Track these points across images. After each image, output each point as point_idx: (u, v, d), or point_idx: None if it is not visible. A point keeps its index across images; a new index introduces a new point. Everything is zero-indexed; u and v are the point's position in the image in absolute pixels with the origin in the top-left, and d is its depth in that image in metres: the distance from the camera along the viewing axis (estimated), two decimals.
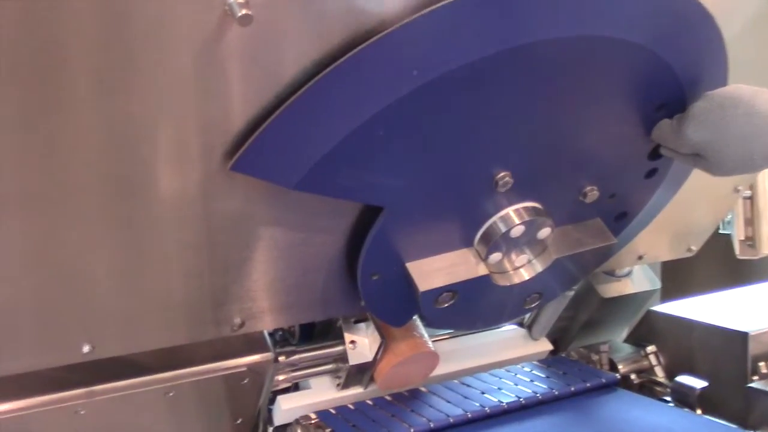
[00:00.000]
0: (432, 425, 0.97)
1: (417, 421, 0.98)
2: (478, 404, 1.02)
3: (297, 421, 1.00)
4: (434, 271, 0.87)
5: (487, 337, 1.23)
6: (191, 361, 0.91)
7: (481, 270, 0.89)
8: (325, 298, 0.89)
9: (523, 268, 0.93)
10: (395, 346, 1.03)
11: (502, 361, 1.19)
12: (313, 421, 0.99)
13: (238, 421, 0.98)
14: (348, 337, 1.03)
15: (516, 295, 0.95)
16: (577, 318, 1.24)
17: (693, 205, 1.12)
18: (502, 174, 0.82)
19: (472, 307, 0.93)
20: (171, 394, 0.89)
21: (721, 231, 1.27)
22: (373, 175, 0.76)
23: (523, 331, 1.25)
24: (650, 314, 1.23)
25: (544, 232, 0.90)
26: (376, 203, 0.79)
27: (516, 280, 0.92)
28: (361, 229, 0.83)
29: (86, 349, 0.79)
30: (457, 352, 1.17)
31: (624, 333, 1.29)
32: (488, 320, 1.01)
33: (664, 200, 1.02)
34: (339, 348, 1.03)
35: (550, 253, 0.92)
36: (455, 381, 1.11)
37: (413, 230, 0.84)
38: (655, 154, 0.90)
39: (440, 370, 1.12)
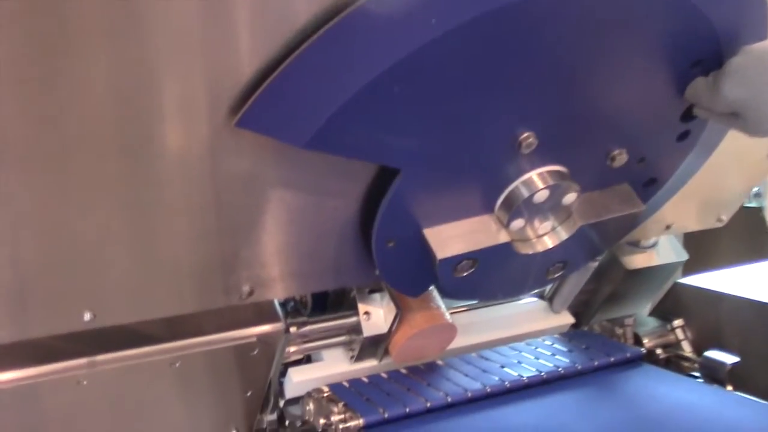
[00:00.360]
0: (449, 399, 0.93)
1: (433, 395, 0.94)
2: (497, 378, 0.98)
3: (309, 394, 0.96)
4: (453, 238, 0.82)
5: (507, 309, 1.18)
6: (199, 331, 0.87)
7: (503, 237, 0.84)
8: (338, 265, 0.85)
9: (547, 236, 0.88)
10: (411, 318, 0.99)
11: (522, 334, 1.14)
12: (325, 394, 0.95)
13: (248, 394, 0.95)
14: (362, 307, 0.99)
15: (539, 265, 0.90)
16: (599, 290, 1.19)
17: (725, 172, 1.07)
18: (525, 134, 0.77)
19: (492, 276, 0.88)
20: (177, 365, 0.86)
21: (746, 204, 1.22)
22: (388, 133, 0.71)
23: (543, 303, 1.20)
24: (677, 287, 1.18)
25: (570, 198, 0.85)
26: (391, 164, 0.75)
27: (539, 249, 0.88)
28: (377, 192, 0.78)
29: (87, 316, 0.75)
30: (476, 325, 1.13)
31: (649, 306, 1.24)
32: (509, 291, 0.96)
33: (696, 166, 0.96)
34: (352, 319, 0.99)
35: (576, 220, 0.87)
36: (473, 354, 1.07)
37: (431, 194, 0.79)
38: (688, 114, 0.84)
39: (458, 342, 1.08)
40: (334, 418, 0.91)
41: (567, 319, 1.19)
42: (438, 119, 0.73)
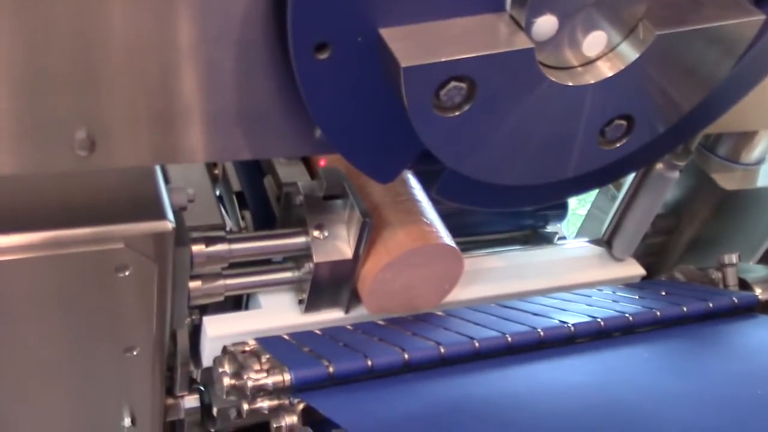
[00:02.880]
0: (443, 351, 0.56)
1: (418, 345, 0.57)
2: (526, 326, 0.61)
3: (225, 350, 0.60)
4: (431, 42, 0.47)
5: (545, 254, 0.82)
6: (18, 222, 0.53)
7: (520, 42, 0.48)
8: (242, 112, 0.50)
9: (602, 61, 0.52)
10: (389, 237, 0.64)
11: (567, 286, 0.77)
12: (249, 348, 0.60)
13: (134, 352, 0.60)
14: (312, 219, 0.64)
15: (586, 119, 0.54)
16: (682, 229, 0.82)
17: None
18: None
19: (505, 127, 0.52)
20: None
21: None
22: None
23: (599, 249, 0.83)
24: None
25: None
26: None
27: (589, 79, 0.51)
28: None
29: None
30: (496, 272, 0.77)
31: (757, 254, 0.86)
32: (536, 164, 0.56)
33: None
34: (299, 240, 0.64)
35: (649, 29, 0.51)
36: (492, 305, 0.70)
37: None
38: None
39: (469, 293, 0.72)
40: (249, 376, 0.54)
41: (634, 269, 0.82)
42: None
